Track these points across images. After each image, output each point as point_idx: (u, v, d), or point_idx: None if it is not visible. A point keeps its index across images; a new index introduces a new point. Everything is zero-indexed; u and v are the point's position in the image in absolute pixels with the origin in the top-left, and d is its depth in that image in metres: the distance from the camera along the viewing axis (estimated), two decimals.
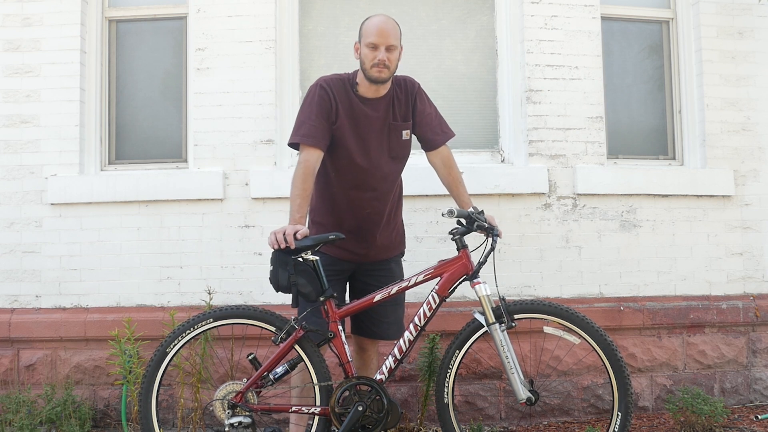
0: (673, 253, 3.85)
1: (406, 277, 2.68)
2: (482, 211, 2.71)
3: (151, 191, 3.71)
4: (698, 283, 3.86)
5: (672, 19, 4.12)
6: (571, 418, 3.63)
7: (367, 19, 2.70)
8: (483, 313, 2.58)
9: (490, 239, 2.65)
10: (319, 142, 2.63)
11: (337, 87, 2.70)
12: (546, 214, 3.79)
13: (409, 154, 2.90)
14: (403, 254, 3.01)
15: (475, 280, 2.59)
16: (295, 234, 2.46)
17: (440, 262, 2.66)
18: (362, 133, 2.71)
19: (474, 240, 2.77)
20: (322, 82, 2.72)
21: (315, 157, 2.63)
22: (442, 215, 2.58)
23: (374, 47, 2.60)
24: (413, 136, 2.87)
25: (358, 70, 2.74)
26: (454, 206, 2.71)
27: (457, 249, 2.64)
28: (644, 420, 3.59)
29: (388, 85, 2.74)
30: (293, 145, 2.73)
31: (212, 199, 3.71)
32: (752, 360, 3.83)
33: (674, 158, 4.08)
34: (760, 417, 3.46)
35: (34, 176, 3.74)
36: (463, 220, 2.64)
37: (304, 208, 2.58)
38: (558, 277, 3.76)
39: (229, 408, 2.51)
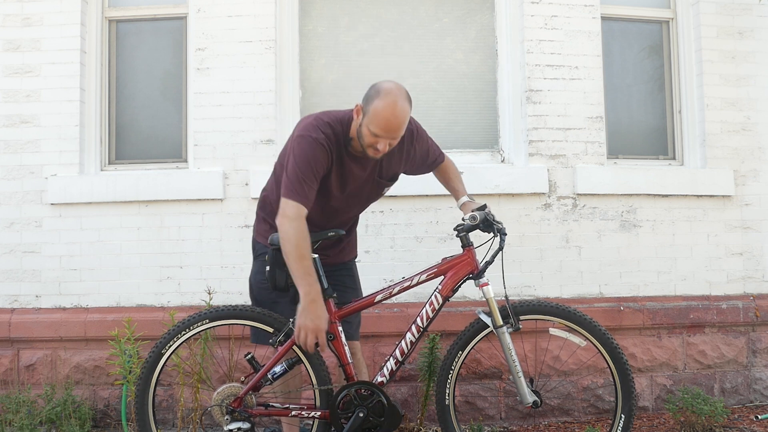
0: (673, 253, 3.85)
1: (408, 276, 2.65)
2: (485, 204, 2.66)
3: (151, 191, 3.71)
4: (698, 283, 3.86)
5: (672, 19, 4.12)
6: (571, 418, 3.63)
7: (378, 94, 2.39)
8: (490, 315, 2.55)
9: (497, 238, 2.57)
10: (309, 205, 2.49)
11: (334, 143, 2.52)
12: (546, 214, 3.79)
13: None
14: (356, 256, 2.98)
15: (482, 281, 2.55)
16: None
17: (444, 259, 2.62)
18: (345, 184, 2.61)
19: (476, 238, 2.76)
20: (324, 139, 2.47)
21: (305, 213, 2.48)
22: (463, 220, 2.56)
23: (377, 136, 2.39)
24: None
25: (352, 121, 2.52)
26: (476, 213, 2.60)
27: (462, 247, 2.59)
28: (644, 420, 3.58)
29: None
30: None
31: (212, 199, 3.71)
32: (752, 360, 3.83)
33: (674, 158, 4.08)
34: (760, 417, 3.46)
35: (34, 176, 3.74)
36: (480, 224, 2.55)
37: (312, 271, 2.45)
38: (558, 277, 3.76)
39: (227, 413, 2.47)
